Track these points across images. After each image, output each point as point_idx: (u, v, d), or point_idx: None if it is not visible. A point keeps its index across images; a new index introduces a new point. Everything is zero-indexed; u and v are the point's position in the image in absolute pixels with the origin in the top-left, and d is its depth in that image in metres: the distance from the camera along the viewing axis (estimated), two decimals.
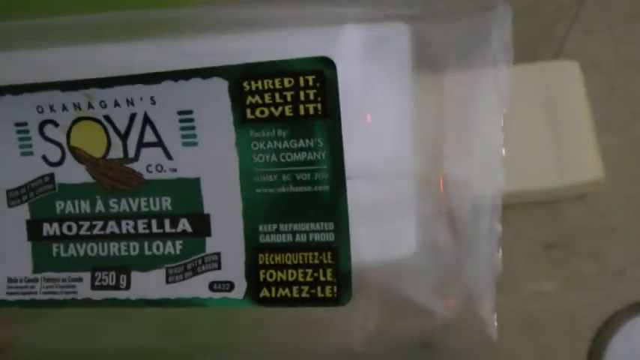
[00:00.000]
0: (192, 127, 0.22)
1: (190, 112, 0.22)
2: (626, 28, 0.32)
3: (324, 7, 0.22)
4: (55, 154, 0.24)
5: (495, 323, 0.22)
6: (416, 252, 0.23)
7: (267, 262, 0.22)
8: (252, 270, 0.22)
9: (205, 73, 0.22)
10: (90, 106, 0.23)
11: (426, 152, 0.24)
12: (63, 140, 0.24)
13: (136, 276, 0.23)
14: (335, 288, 0.22)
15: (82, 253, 0.24)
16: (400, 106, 0.23)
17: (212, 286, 0.23)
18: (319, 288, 0.22)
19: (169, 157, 0.23)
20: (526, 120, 0.32)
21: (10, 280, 0.24)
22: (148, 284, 0.23)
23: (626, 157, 0.31)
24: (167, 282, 0.23)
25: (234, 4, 0.23)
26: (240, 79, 0.22)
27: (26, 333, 0.25)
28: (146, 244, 0.23)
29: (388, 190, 0.24)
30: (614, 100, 0.32)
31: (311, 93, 0.21)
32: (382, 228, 0.23)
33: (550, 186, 0.31)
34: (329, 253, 0.22)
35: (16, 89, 0.23)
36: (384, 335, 0.23)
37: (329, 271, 0.22)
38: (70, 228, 0.24)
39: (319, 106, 0.21)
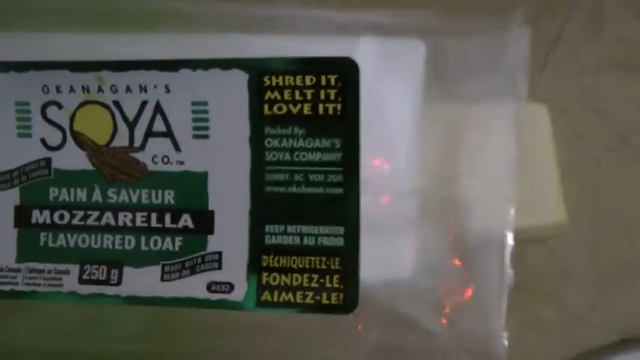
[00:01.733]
0: (206, 119, 0.22)
1: (205, 103, 0.22)
2: (593, 77, 0.33)
3: (345, 13, 0.22)
4: (55, 138, 0.23)
5: (505, 343, 0.22)
6: (415, 273, 0.23)
7: (271, 265, 0.22)
8: (254, 272, 0.22)
9: (225, 64, 0.21)
10: (100, 89, 0.22)
11: (433, 173, 0.23)
12: (65, 124, 0.23)
13: (129, 271, 0.22)
14: (341, 295, 0.21)
15: (71, 244, 0.23)
16: (410, 123, 0.23)
17: (210, 287, 0.22)
18: (325, 294, 0.21)
19: (177, 148, 0.22)
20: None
21: None
22: (141, 281, 0.22)
23: (588, 204, 0.32)
24: (162, 279, 0.22)
25: (255, 2, 0.23)
26: (261, 73, 0.21)
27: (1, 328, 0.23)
28: (143, 238, 0.22)
29: (391, 207, 0.23)
30: (579, 146, 0.33)
31: (332, 93, 0.21)
32: (383, 244, 0.23)
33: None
34: (337, 259, 0.21)
35: (22, 66, 0.22)
36: (384, 352, 0.22)
37: (336, 277, 0.21)
38: (62, 217, 0.23)
39: (339, 106, 0.21)
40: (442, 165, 0.23)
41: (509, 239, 0.22)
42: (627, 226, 0.32)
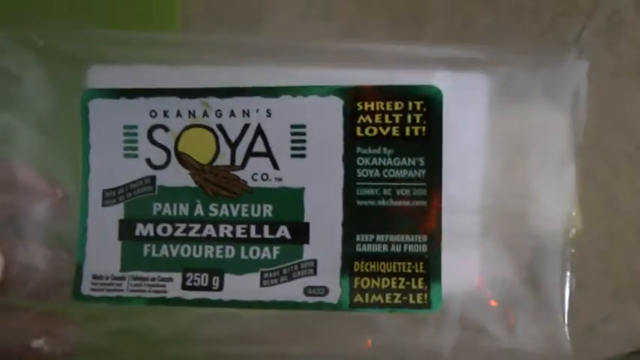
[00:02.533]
0: (303, 141, 0.24)
1: (303, 126, 0.24)
2: (611, 84, 0.32)
3: (423, 47, 0.25)
4: (160, 158, 0.25)
5: (569, 345, 0.24)
6: (481, 281, 0.26)
7: (362, 270, 0.24)
8: (347, 276, 0.24)
9: (323, 91, 0.24)
10: (205, 114, 0.25)
11: (495, 192, 0.26)
12: (171, 145, 0.25)
13: (230, 278, 0.24)
14: (426, 295, 0.24)
15: (174, 254, 0.25)
16: (475, 147, 0.26)
17: (307, 291, 0.24)
18: (411, 295, 0.24)
19: (276, 167, 0.25)
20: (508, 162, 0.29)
21: (95, 277, 0.25)
22: (242, 286, 0.24)
23: (603, 212, 0.32)
24: (261, 285, 0.24)
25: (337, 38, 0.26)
26: (355, 99, 0.24)
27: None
28: (242, 248, 0.25)
29: (457, 223, 0.26)
30: (595, 154, 0.32)
31: (418, 116, 0.24)
32: (454, 256, 0.25)
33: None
34: (421, 263, 0.24)
35: (132, 93, 0.25)
36: (457, 353, 0.25)
37: (420, 279, 0.24)
38: (164, 229, 0.25)
39: (424, 128, 0.24)
40: (504, 185, 0.26)
41: (569, 247, 0.25)
42: None
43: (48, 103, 0.25)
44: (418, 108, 0.24)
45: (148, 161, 0.25)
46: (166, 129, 0.25)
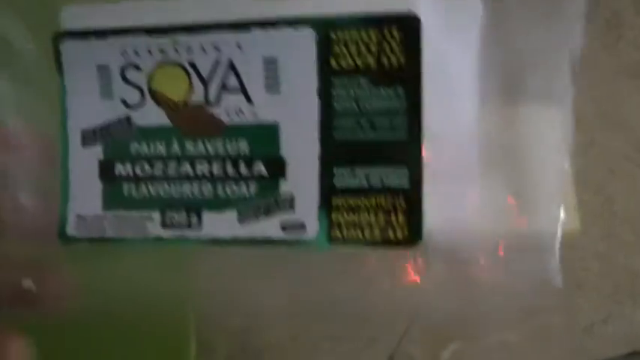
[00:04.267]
0: (276, 75, 0.24)
1: (275, 59, 0.24)
2: (610, 85, 0.33)
3: None
4: (134, 97, 0.25)
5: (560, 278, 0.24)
6: (473, 212, 0.25)
7: (340, 205, 0.24)
8: (325, 212, 0.24)
9: (295, 22, 0.23)
10: (175, 51, 0.24)
11: (491, 120, 0.25)
12: (144, 84, 0.24)
13: (208, 215, 0.24)
14: (406, 230, 0.23)
15: (153, 193, 0.25)
16: (468, 75, 0.24)
17: (284, 227, 0.24)
18: (391, 230, 0.23)
19: (250, 102, 0.24)
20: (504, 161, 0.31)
21: (79, 217, 0.25)
22: (220, 224, 0.24)
23: (600, 213, 0.32)
24: (239, 222, 0.24)
25: None
26: (329, 29, 0.23)
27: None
28: (219, 185, 0.24)
29: (451, 152, 0.25)
30: (593, 154, 0.32)
31: (395, 45, 0.23)
32: (444, 187, 0.25)
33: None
34: (402, 197, 0.23)
35: (102, 33, 0.24)
36: (446, 284, 0.24)
37: (401, 214, 0.23)
38: (142, 169, 0.25)
39: (402, 58, 0.23)
40: (500, 112, 0.25)
41: (564, 182, 0.24)
42: None
43: (20, 49, 0.25)
44: (396, 36, 0.23)
45: (124, 101, 0.25)
46: (138, 68, 0.24)
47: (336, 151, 0.24)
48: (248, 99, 0.24)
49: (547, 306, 0.24)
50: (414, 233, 0.23)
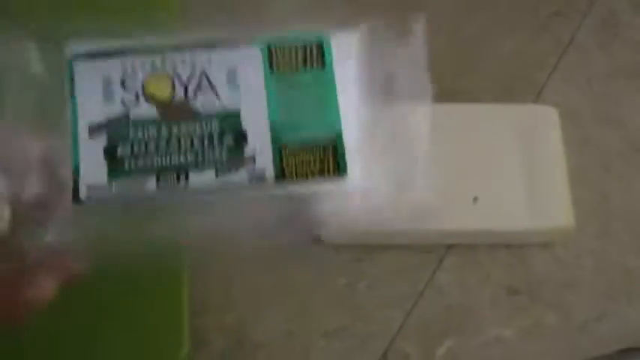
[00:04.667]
0: (236, 76, 0.35)
1: (236, 67, 0.35)
2: (605, 83, 0.31)
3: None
4: (131, 99, 0.34)
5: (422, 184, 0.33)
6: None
7: (288, 155, 0.34)
8: (278, 162, 0.34)
9: (248, 41, 0.35)
10: (163, 64, 0.35)
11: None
12: (139, 88, 0.34)
13: (193, 175, 0.33)
14: (336, 167, 0.34)
15: (149, 164, 0.33)
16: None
17: (250, 175, 0.33)
18: (326, 168, 0.34)
19: (218, 97, 0.35)
20: (501, 159, 0.32)
21: (89, 187, 0.33)
22: (202, 179, 0.33)
23: (595, 210, 0.31)
24: (216, 177, 0.33)
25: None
26: (271, 45, 0.35)
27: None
28: (200, 152, 0.34)
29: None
30: (588, 152, 0.32)
31: (315, 54, 0.35)
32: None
33: (519, 228, 0.30)
34: (331, 147, 0.34)
35: (107, 54, 0.35)
36: None
37: (331, 157, 0.34)
38: (139, 147, 0.34)
39: (319, 61, 0.35)
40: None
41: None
42: (635, 234, 0.31)
43: (41, 69, 0.34)
44: (315, 49, 0.35)
45: (122, 102, 0.34)
46: (135, 77, 0.34)
47: (281, 122, 0.34)
48: (217, 95, 0.35)
49: None
50: (341, 169, 0.34)
